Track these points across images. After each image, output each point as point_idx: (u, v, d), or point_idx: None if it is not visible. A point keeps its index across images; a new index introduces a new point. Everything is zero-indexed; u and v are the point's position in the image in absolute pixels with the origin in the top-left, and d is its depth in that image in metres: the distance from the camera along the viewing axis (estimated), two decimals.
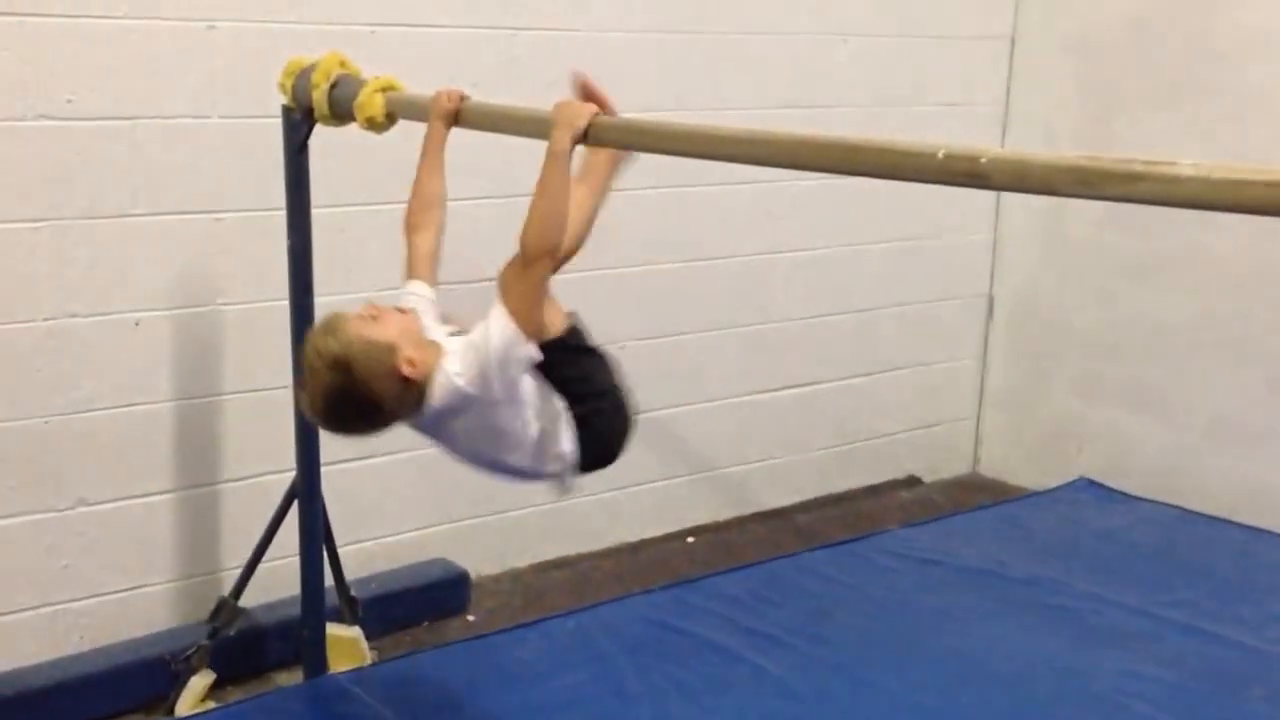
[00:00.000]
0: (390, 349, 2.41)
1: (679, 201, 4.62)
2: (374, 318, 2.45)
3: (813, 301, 5.10)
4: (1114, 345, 5.28)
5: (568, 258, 2.67)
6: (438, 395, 2.45)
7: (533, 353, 2.45)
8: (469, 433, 2.53)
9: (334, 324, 2.45)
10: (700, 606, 4.09)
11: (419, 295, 2.67)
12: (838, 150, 2.10)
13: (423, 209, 2.79)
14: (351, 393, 2.42)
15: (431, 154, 2.83)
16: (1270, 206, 1.65)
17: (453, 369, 2.44)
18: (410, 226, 2.78)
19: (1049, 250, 5.47)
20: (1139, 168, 1.76)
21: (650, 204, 4.51)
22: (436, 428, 2.55)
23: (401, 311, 2.53)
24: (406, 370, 2.42)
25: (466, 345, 2.46)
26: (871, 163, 2.06)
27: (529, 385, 2.50)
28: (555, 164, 2.44)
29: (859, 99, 4.91)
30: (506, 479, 2.69)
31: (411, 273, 2.74)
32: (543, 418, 2.53)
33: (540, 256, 2.43)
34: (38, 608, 3.61)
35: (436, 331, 2.57)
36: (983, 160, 1.92)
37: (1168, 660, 3.82)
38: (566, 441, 2.56)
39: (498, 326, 2.42)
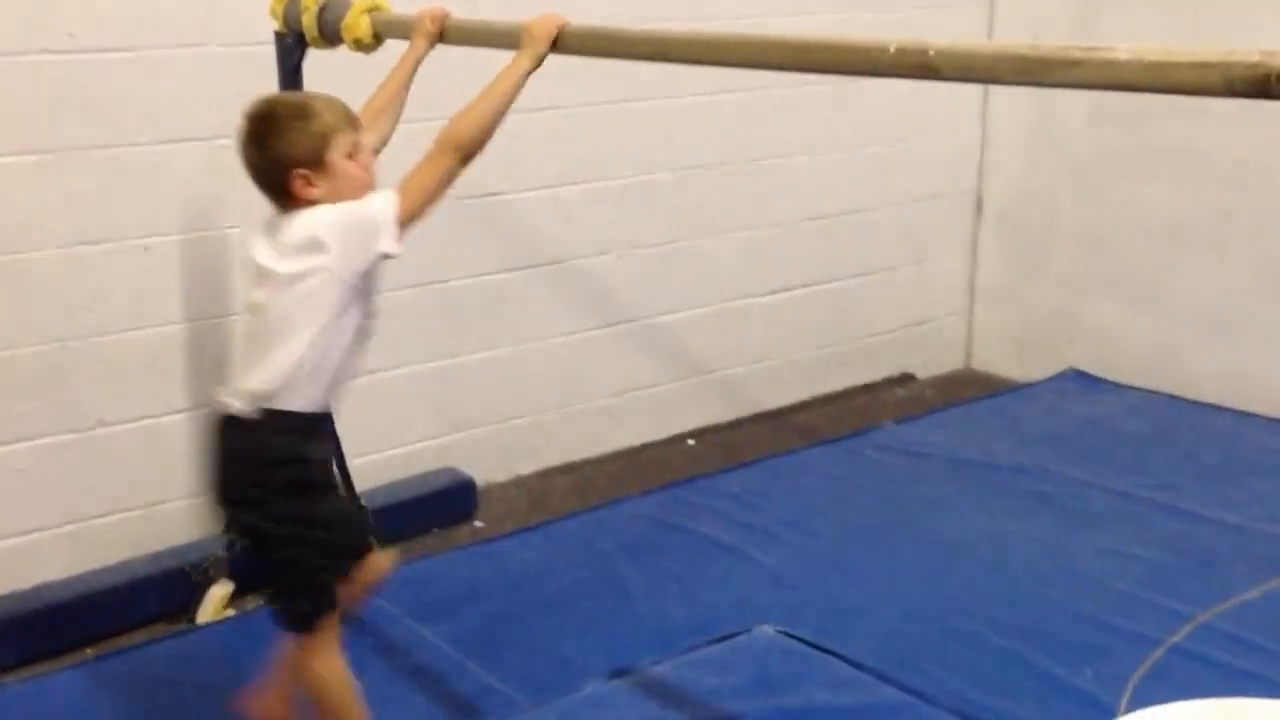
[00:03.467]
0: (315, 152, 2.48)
1: (668, 112, 4.69)
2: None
3: (804, 205, 5.16)
4: (1102, 239, 5.35)
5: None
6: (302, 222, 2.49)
7: (394, 249, 2.45)
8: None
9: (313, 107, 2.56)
10: (698, 505, 4.22)
11: None
12: (792, 49, 2.19)
13: (375, 112, 2.87)
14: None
15: (404, 63, 2.94)
16: (1199, 86, 1.74)
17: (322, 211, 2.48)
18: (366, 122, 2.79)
19: (1036, 147, 5.52)
20: (1078, 54, 1.86)
21: (640, 115, 4.61)
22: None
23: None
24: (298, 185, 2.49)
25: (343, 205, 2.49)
26: (825, 60, 2.16)
27: (357, 286, 2.49)
28: (512, 79, 2.55)
29: (844, 4, 4.95)
30: None
31: None
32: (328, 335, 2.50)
33: (467, 152, 2.50)
34: (63, 525, 3.73)
35: None
36: (931, 53, 2.02)
37: (1151, 540, 3.93)
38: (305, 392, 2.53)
39: (382, 202, 2.45)
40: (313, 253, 2.44)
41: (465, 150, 2.50)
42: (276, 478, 2.55)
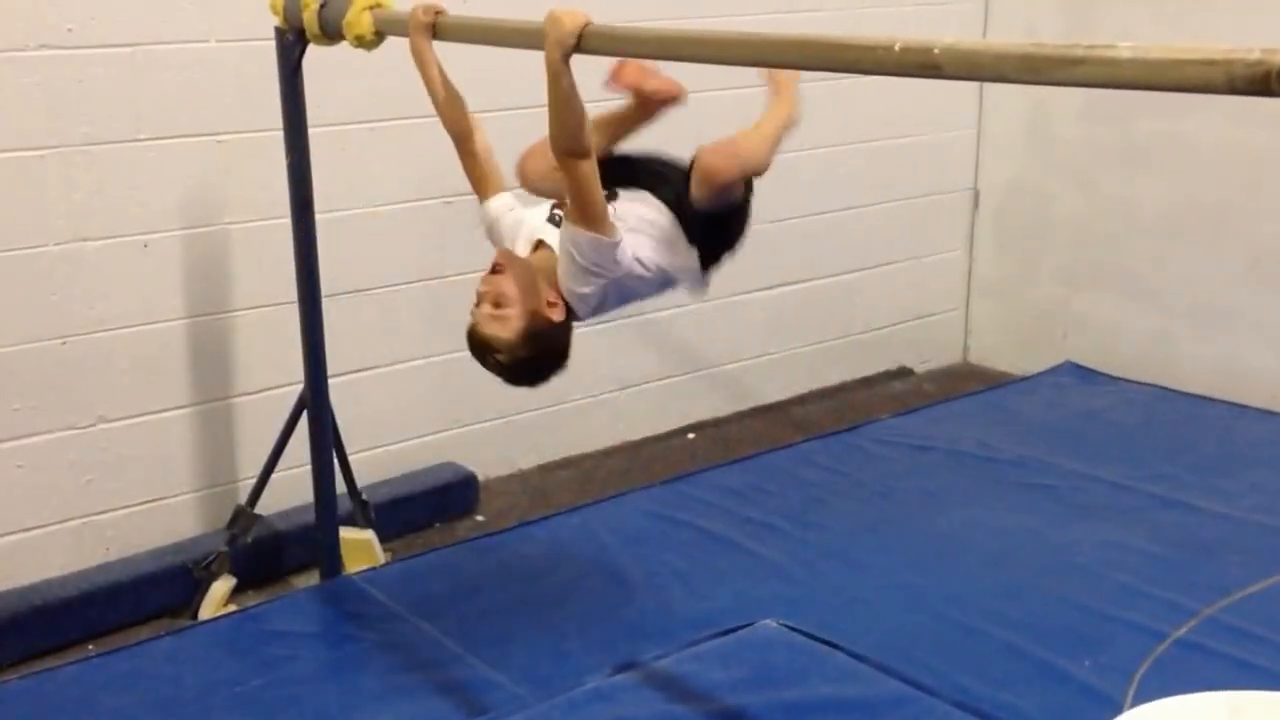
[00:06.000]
0: (530, 325, 2.77)
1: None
2: (498, 314, 2.76)
3: (804, 200, 5.18)
4: (1097, 233, 5.38)
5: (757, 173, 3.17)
6: (579, 307, 2.83)
7: (615, 238, 2.72)
8: (610, 297, 2.87)
9: (487, 339, 2.82)
10: (699, 499, 4.23)
11: (501, 210, 2.94)
12: (799, 47, 2.19)
13: (453, 118, 2.96)
14: (537, 360, 2.89)
15: (426, 66, 2.96)
16: (1201, 84, 1.73)
17: (575, 286, 2.77)
18: (456, 137, 2.97)
19: (1031, 143, 5.55)
20: (1081, 52, 1.85)
21: None
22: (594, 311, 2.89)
23: (498, 270, 2.77)
24: (554, 316, 2.79)
25: (567, 259, 2.74)
26: (831, 58, 2.16)
27: (627, 248, 2.77)
28: (552, 78, 2.56)
29: (842, 2, 4.97)
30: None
31: (485, 190, 2.97)
32: (657, 253, 2.87)
33: (571, 160, 2.61)
34: (65, 521, 3.75)
35: (537, 226, 2.88)
36: (935, 51, 2.01)
37: (1148, 531, 3.95)
38: (682, 254, 2.94)
39: (576, 241, 2.70)
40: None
41: (571, 154, 2.62)
42: None
